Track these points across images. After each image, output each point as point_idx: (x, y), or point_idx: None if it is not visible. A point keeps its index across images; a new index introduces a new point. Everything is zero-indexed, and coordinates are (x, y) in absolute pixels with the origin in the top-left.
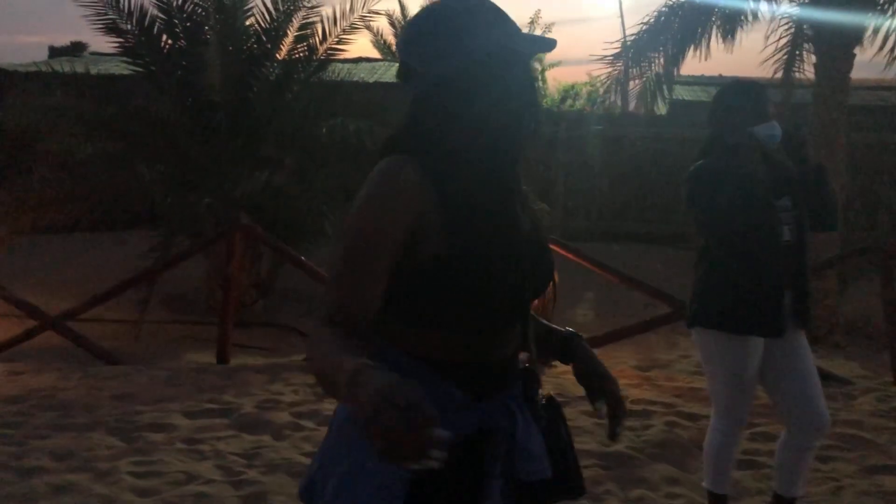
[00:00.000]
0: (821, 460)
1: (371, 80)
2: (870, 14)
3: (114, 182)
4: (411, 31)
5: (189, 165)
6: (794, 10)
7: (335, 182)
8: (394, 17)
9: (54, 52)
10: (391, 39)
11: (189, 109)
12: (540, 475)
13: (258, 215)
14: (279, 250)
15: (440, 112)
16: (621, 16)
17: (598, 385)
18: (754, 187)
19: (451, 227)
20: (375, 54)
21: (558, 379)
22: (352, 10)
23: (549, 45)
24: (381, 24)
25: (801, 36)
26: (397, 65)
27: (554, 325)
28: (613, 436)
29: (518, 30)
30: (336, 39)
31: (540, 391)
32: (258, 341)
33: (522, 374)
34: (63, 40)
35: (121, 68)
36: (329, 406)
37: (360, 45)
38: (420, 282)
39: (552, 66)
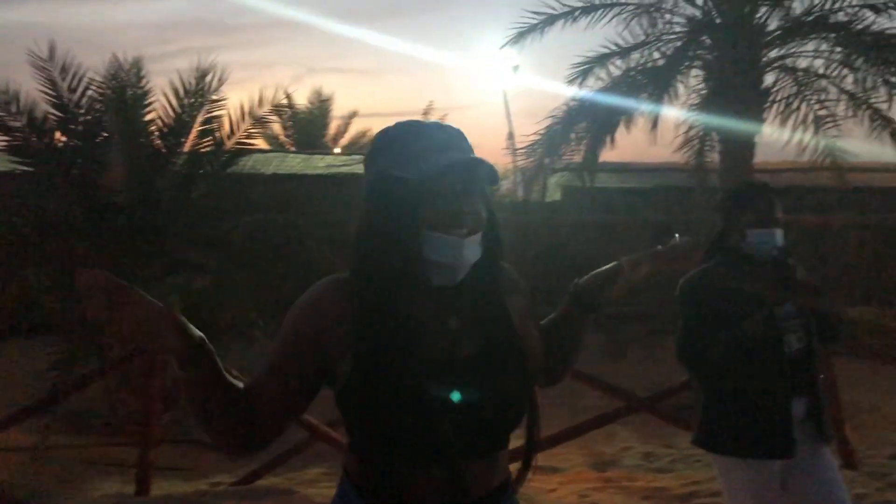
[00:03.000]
0: None
1: (268, 172)
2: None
3: None
4: None
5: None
6: (693, 115)
7: (262, 284)
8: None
9: None
10: (277, 129)
11: (87, 209)
12: None
13: None
14: None
15: (357, 234)
16: (506, 104)
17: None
18: (748, 301)
19: (358, 342)
20: (262, 145)
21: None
22: (260, 103)
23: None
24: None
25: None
26: (291, 155)
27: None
28: None
29: (420, 153)
30: (245, 133)
31: None
32: (172, 460)
33: None
34: None
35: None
36: None
37: None
38: (343, 403)
39: None
